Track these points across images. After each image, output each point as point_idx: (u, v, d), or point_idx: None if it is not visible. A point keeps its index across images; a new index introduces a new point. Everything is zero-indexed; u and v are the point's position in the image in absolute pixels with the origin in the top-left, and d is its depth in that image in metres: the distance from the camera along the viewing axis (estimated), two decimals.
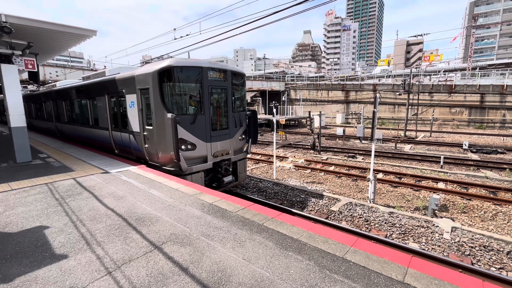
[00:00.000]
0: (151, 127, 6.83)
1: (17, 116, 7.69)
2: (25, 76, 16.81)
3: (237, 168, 8.36)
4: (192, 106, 6.94)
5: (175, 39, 13.44)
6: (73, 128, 11.67)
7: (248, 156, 9.32)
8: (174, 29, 13.76)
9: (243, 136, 8.44)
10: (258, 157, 15.76)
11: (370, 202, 8.41)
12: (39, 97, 15.67)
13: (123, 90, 7.64)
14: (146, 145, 7.14)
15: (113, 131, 8.71)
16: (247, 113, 8.59)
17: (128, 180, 5.91)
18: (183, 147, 6.60)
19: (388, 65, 64.19)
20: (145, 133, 7.09)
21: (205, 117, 7.02)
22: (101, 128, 9.33)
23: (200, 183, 7.05)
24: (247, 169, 9.88)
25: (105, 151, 9.31)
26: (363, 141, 20.93)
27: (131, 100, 7.36)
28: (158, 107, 6.46)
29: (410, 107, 25.44)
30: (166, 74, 6.40)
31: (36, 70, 7.98)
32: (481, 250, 5.80)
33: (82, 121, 10.72)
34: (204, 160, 7.22)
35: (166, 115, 6.25)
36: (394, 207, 8.25)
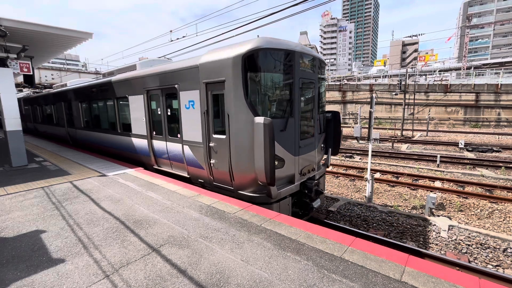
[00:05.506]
0: (223, 136, 5.07)
1: (12, 119, 7.64)
2: (21, 79, 16.69)
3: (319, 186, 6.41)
4: (280, 107, 5.14)
5: (171, 41, 13.40)
6: (93, 135, 9.91)
7: None
8: (171, 31, 13.71)
9: (323, 145, 6.61)
10: None
11: (368, 202, 8.44)
12: (46, 99, 13.87)
13: (176, 86, 5.88)
14: (213, 161, 5.38)
15: (153, 140, 7.01)
16: (327, 115, 6.71)
17: (125, 183, 5.89)
18: None
19: (384, 65, 64.59)
20: (211, 144, 5.33)
21: (295, 122, 5.20)
22: (135, 135, 7.59)
23: (287, 212, 5.28)
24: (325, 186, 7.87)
25: (138, 165, 7.66)
26: (360, 141, 21.05)
27: (189, 99, 5.61)
28: (240, 108, 4.65)
29: (406, 106, 25.60)
30: (252, 61, 4.56)
31: (31, 73, 7.94)
32: (478, 248, 5.85)
33: (106, 126, 8.97)
34: (290, 180, 5.41)
35: (253, 119, 4.52)
36: (391, 206, 8.30)
